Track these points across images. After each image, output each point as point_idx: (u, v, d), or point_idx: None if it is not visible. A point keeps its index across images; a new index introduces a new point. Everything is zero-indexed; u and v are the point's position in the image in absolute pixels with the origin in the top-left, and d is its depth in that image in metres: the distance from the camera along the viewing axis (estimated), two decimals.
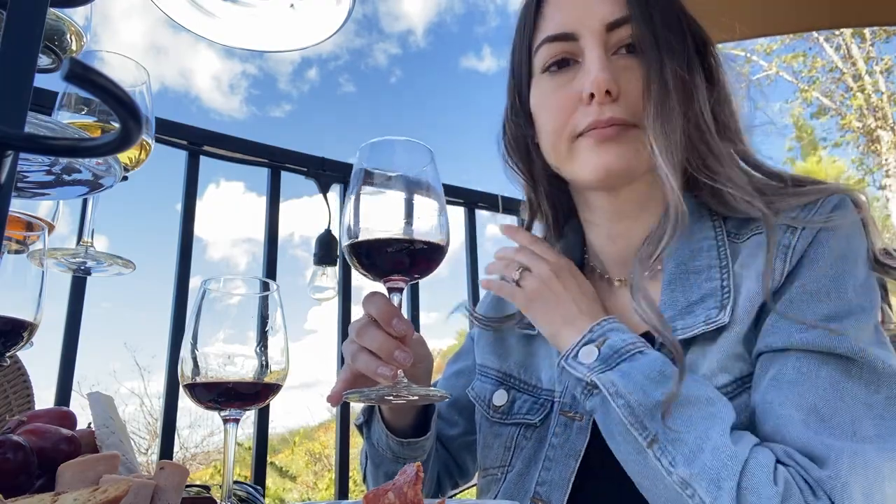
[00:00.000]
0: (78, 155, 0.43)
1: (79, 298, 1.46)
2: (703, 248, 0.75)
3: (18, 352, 0.67)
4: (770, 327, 0.67)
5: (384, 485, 0.47)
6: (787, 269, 0.68)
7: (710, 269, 0.73)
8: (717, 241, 0.75)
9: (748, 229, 0.74)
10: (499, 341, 0.91)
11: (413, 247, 0.67)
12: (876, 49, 12.31)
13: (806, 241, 0.68)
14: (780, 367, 0.65)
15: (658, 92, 0.72)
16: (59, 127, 0.50)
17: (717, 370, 0.68)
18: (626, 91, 0.73)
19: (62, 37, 0.68)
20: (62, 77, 0.27)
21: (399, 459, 0.85)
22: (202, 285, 0.66)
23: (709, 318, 0.69)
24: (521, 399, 0.84)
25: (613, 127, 0.73)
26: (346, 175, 1.97)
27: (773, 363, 0.66)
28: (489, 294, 0.99)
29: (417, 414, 0.86)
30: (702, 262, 0.74)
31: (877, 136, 12.33)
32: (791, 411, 0.62)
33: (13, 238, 0.65)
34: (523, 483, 0.79)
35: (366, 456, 0.93)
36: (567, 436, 0.77)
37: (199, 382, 0.63)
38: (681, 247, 0.75)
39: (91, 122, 0.80)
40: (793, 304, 0.67)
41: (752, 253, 0.71)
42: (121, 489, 0.45)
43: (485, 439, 0.86)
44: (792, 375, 0.64)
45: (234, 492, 0.61)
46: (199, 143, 1.72)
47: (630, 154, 0.73)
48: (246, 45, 0.78)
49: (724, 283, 0.71)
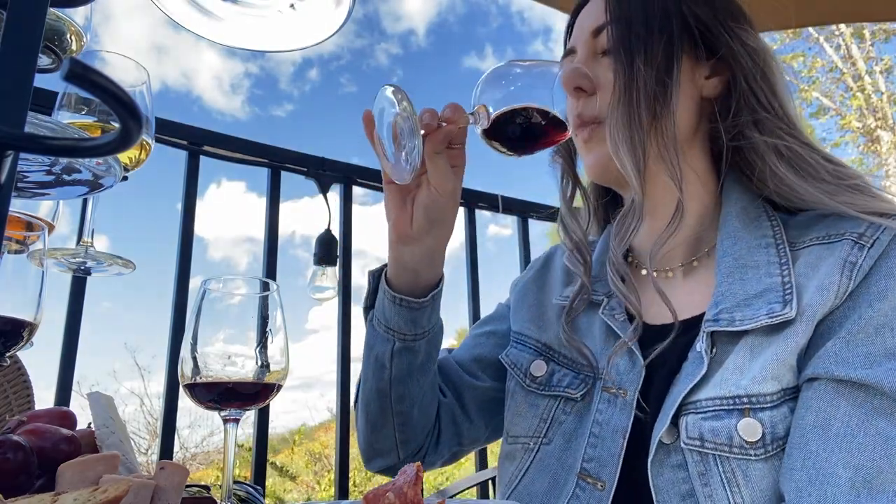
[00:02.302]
0: (78, 155, 0.43)
1: (79, 298, 1.46)
2: (762, 244, 0.74)
3: (18, 352, 0.67)
4: (831, 353, 0.64)
5: (384, 485, 0.47)
6: (850, 287, 0.65)
7: (769, 265, 0.72)
8: (776, 240, 0.74)
9: (808, 237, 0.73)
10: (539, 312, 0.92)
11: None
12: (876, 49, 12.31)
13: (871, 259, 0.66)
14: (831, 410, 0.62)
15: (621, 89, 0.75)
16: (59, 127, 0.50)
17: (768, 377, 0.65)
18: (602, 87, 0.78)
19: (62, 37, 0.68)
20: (62, 77, 0.27)
21: (390, 333, 0.83)
22: (202, 285, 0.66)
23: (772, 311, 0.67)
24: (560, 372, 0.84)
25: (584, 128, 0.79)
26: (346, 175, 1.97)
27: (825, 398, 0.63)
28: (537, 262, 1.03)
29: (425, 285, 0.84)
30: (760, 258, 0.73)
31: (877, 136, 12.32)
32: (838, 470, 0.59)
33: (13, 238, 0.65)
34: (565, 458, 0.78)
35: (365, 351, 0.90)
36: (612, 413, 0.76)
37: (199, 382, 0.63)
38: (738, 242, 0.75)
39: (91, 122, 0.80)
40: (859, 335, 0.63)
41: (812, 264, 0.69)
42: (121, 489, 0.45)
43: (518, 407, 0.86)
44: (840, 428, 0.61)
45: (234, 492, 0.61)
46: (199, 143, 1.72)
47: (603, 150, 0.77)
48: (246, 45, 0.78)
49: (785, 280, 0.69)
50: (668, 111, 0.75)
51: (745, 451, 0.65)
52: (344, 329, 1.85)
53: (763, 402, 0.65)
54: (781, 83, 0.80)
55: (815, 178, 0.74)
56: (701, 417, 0.67)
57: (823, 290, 0.66)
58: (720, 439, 0.66)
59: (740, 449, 0.65)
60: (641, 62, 0.75)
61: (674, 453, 0.69)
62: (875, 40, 12.25)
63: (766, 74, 0.79)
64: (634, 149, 0.74)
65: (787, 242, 0.73)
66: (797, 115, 0.79)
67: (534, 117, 0.72)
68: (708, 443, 0.66)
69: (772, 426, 0.65)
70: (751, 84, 0.78)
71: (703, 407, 0.67)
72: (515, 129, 0.73)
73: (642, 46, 0.76)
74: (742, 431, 0.65)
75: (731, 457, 0.65)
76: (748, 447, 0.64)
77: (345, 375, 1.81)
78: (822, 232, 0.72)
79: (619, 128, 0.74)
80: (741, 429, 0.65)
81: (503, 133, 0.73)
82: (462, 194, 0.83)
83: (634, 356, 0.77)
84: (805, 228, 0.74)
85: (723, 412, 0.66)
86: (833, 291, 0.65)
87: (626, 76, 0.75)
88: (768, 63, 0.80)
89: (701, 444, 0.67)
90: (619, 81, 0.76)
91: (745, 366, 0.67)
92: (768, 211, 0.78)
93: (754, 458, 0.64)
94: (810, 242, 0.72)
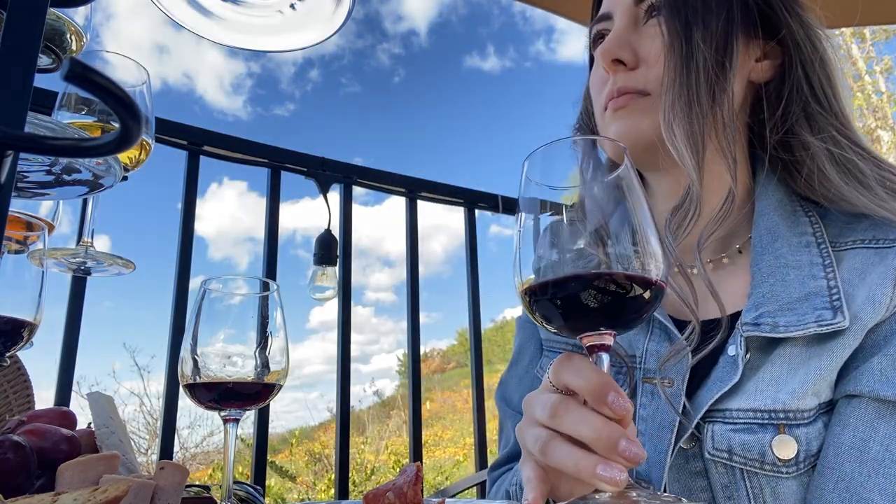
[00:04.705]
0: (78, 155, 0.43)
1: (79, 298, 1.46)
2: (802, 243, 0.67)
3: (18, 352, 0.67)
4: (877, 370, 0.59)
5: (384, 485, 0.47)
6: None
7: (812, 267, 0.65)
8: (817, 238, 0.67)
9: (850, 238, 0.67)
10: None
11: (627, 286, 0.44)
12: (876, 49, 12.30)
13: None
14: (870, 432, 0.58)
15: (676, 67, 0.68)
16: (59, 127, 0.50)
17: (808, 392, 0.60)
18: (645, 58, 0.71)
19: (62, 37, 0.68)
20: (62, 77, 0.27)
21: None
22: (202, 285, 0.66)
23: (821, 318, 0.61)
24: None
25: (624, 96, 0.71)
26: (346, 175, 1.97)
27: (864, 419, 0.59)
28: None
29: None
30: (802, 258, 0.66)
31: (877, 136, 12.31)
32: (874, 496, 0.56)
33: (13, 238, 0.65)
34: None
35: None
36: (657, 406, 0.69)
37: (199, 382, 0.63)
38: (777, 239, 0.69)
39: (91, 122, 0.80)
40: None
41: (859, 269, 0.64)
42: (121, 489, 0.45)
43: None
44: (879, 452, 0.57)
45: (234, 492, 0.61)
46: (199, 143, 1.72)
47: (643, 121, 0.70)
48: (246, 46, 0.78)
49: (831, 284, 0.63)
50: (726, 94, 0.68)
51: (776, 469, 0.60)
52: (344, 329, 1.85)
53: (800, 419, 0.61)
54: (839, 77, 0.73)
55: (864, 186, 0.67)
56: (731, 429, 0.63)
57: (874, 301, 0.60)
58: (751, 454, 0.61)
59: (772, 466, 0.61)
60: (700, 38, 0.68)
61: (693, 460, 0.66)
62: (875, 40, 12.23)
63: (826, 64, 0.72)
64: (693, 135, 0.66)
65: (828, 242, 0.67)
66: (852, 113, 0.73)
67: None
68: (737, 456, 0.62)
69: (807, 443, 0.60)
70: (808, 72, 0.72)
71: (734, 417, 0.63)
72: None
73: (700, 19, 0.68)
74: (776, 448, 0.60)
75: (760, 473, 0.61)
76: (780, 465, 0.60)
77: (345, 375, 1.81)
78: (868, 234, 0.66)
79: (677, 111, 0.67)
80: (775, 446, 0.60)
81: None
82: (462, 194, 0.82)
83: (674, 338, 0.70)
84: (845, 227, 0.68)
85: (756, 426, 0.62)
86: (885, 304, 0.60)
87: (682, 53, 0.68)
88: (828, 52, 0.73)
89: (729, 457, 0.62)
90: (674, 58, 0.68)
91: (782, 377, 0.62)
92: (803, 205, 0.72)
93: (785, 475, 0.60)
94: (854, 245, 0.66)
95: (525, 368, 0.88)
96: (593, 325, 0.46)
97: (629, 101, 0.71)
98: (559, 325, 0.46)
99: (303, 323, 17.35)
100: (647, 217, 0.46)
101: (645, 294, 0.44)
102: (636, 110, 0.71)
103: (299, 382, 13.60)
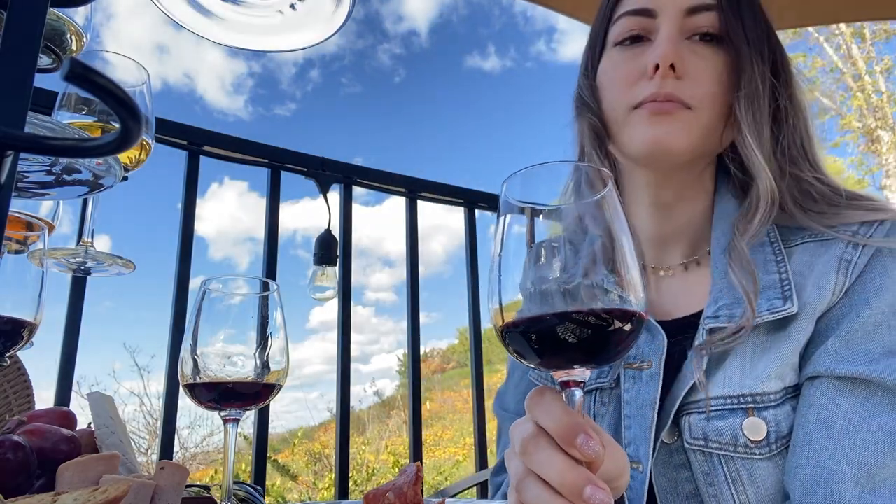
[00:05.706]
0: (78, 155, 0.43)
1: (79, 298, 1.46)
2: (757, 243, 0.73)
3: (18, 352, 0.67)
4: (831, 351, 0.64)
5: (384, 485, 0.47)
6: (846, 285, 0.66)
7: (766, 264, 0.71)
8: (770, 238, 0.74)
9: (798, 235, 0.73)
10: None
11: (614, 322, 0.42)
12: (876, 49, 12.30)
13: (866, 257, 0.67)
14: (832, 408, 0.62)
15: (750, 83, 0.72)
16: (59, 127, 0.50)
17: (772, 375, 0.66)
18: (691, 74, 0.74)
19: (62, 37, 0.68)
20: (62, 77, 0.27)
21: None
22: (202, 285, 0.66)
23: (773, 307, 0.67)
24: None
25: (670, 102, 0.73)
26: (346, 175, 1.97)
27: (826, 396, 0.63)
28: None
29: None
30: (756, 256, 0.72)
31: (877, 136, 12.31)
32: (842, 466, 0.60)
33: (13, 238, 0.65)
34: None
35: None
36: (639, 388, 0.73)
37: (199, 382, 0.63)
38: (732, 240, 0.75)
39: (91, 122, 0.80)
40: (858, 332, 0.64)
41: (807, 261, 0.70)
42: (121, 489, 0.45)
43: None
44: (842, 425, 0.61)
45: (234, 492, 0.61)
46: (199, 143, 1.72)
47: (682, 133, 0.73)
48: (247, 46, 0.78)
49: (783, 277, 0.69)
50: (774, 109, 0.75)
51: (749, 451, 0.65)
52: (344, 329, 1.85)
53: (767, 401, 0.65)
54: (812, 127, 0.79)
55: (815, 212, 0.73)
56: (704, 417, 0.67)
57: (821, 287, 0.66)
58: (725, 439, 0.66)
59: (745, 448, 0.65)
60: (758, 57, 0.73)
61: (676, 454, 0.69)
62: (875, 40, 12.23)
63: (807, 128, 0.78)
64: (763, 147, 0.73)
65: (780, 241, 0.73)
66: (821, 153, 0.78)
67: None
68: (712, 443, 0.66)
69: (776, 424, 0.65)
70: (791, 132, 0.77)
71: (707, 406, 0.67)
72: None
73: (756, 41, 0.74)
74: (747, 430, 0.65)
75: (735, 456, 0.65)
76: (753, 446, 0.65)
77: (345, 375, 1.81)
78: (812, 231, 0.72)
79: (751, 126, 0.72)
80: (746, 428, 0.65)
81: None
82: (462, 194, 0.83)
83: (651, 326, 0.75)
84: (796, 227, 0.74)
85: (727, 411, 0.66)
86: (830, 289, 0.66)
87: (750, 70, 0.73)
88: (809, 119, 0.78)
89: (705, 444, 0.67)
90: (745, 76, 0.73)
91: (747, 365, 0.67)
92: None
93: (759, 457, 0.65)
94: (803, 240, 0.72)
95: (520, 377, 0.91)
96: (565, 364, 0.44)
97: (674, 110, 0.73)
98: (533, 361, 0.45)
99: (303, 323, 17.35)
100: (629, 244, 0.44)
101: (625, 327, 0.42)
102: (678, 120, 0.73)
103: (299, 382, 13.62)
